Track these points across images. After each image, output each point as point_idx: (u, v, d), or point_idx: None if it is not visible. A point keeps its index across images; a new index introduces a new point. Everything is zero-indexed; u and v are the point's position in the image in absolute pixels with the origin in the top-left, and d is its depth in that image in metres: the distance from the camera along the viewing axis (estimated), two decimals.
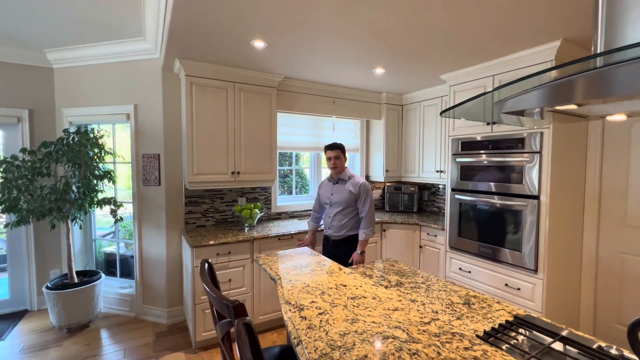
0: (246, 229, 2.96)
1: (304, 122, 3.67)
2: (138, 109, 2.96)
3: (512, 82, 0.68)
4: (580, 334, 1.12)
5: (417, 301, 1.41)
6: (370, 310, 1.04)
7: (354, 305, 1.07)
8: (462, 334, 0.92)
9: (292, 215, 3.61)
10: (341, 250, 2.58)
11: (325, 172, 4.05)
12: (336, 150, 2.58)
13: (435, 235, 3.21)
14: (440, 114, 1.00)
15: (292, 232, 2.89)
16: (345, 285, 1.25)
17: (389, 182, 4.06)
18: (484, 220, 2.68)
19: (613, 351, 0.98)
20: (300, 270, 1.44)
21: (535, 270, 2.33)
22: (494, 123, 2.62)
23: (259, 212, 3.02)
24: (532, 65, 2.35)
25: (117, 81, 2.99)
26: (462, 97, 2.88)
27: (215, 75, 2.76)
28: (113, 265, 3.37)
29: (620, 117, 0.86)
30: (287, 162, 3.92)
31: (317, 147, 3.78)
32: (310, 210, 3.71)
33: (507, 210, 2.51)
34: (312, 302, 1.10)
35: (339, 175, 2.61)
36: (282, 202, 3.64)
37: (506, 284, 2.52)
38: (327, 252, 2.65)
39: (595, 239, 2.57)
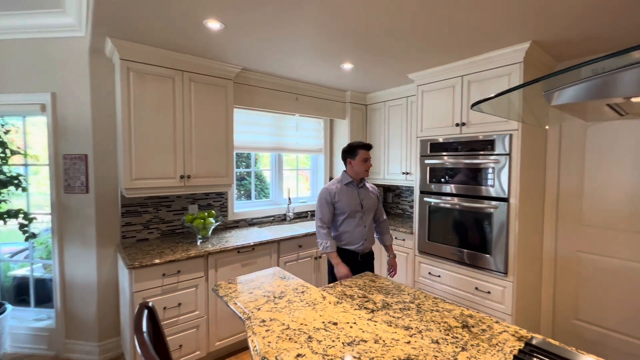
0: (199, 241, 2.55)
1: (264, 120, 3.34)
2: (57, 98, 2.39)
3: (585, 62, 0.50)
4: None
5: (411, 328, 1.21)
6: None
7: (354, 358, 0.83)
8: None
9: (251, 223, 3.26)
10: (366, 262, 2.26)
11: (288, 175, 3.76)
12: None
13: (404, 240, 3.11)
14: (472, 106, 0.81)
15: (253, 243, 2.56)
16: (335, 324, 0.99)
17: None
18: (454, 223, 2.62)
19: None
20: (275, 303, 1.15)
21: (505, 273, 2.31)
22: (463, 124, 2.57)
23: (214, 221, 2.63)
24: (500, 67, 2.32)
25: (27, 63, 2.38)
26: (430, 97, 2.80)
27: (160, 62, 2.32)
28: (26, 292, 2.72)
29: None
30: (244, 164, 3.55)
31: (278, 148, 3.47)
32: (273, 216, 3.40)
33: (476, 213, 2.47)
34: (299, 355, 0.83)
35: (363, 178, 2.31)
36: (239, 208, 3.27)
37: (476, 288, 2.48)
38: (354, 271, 2.14)
39: (554, 239, 2.64)
